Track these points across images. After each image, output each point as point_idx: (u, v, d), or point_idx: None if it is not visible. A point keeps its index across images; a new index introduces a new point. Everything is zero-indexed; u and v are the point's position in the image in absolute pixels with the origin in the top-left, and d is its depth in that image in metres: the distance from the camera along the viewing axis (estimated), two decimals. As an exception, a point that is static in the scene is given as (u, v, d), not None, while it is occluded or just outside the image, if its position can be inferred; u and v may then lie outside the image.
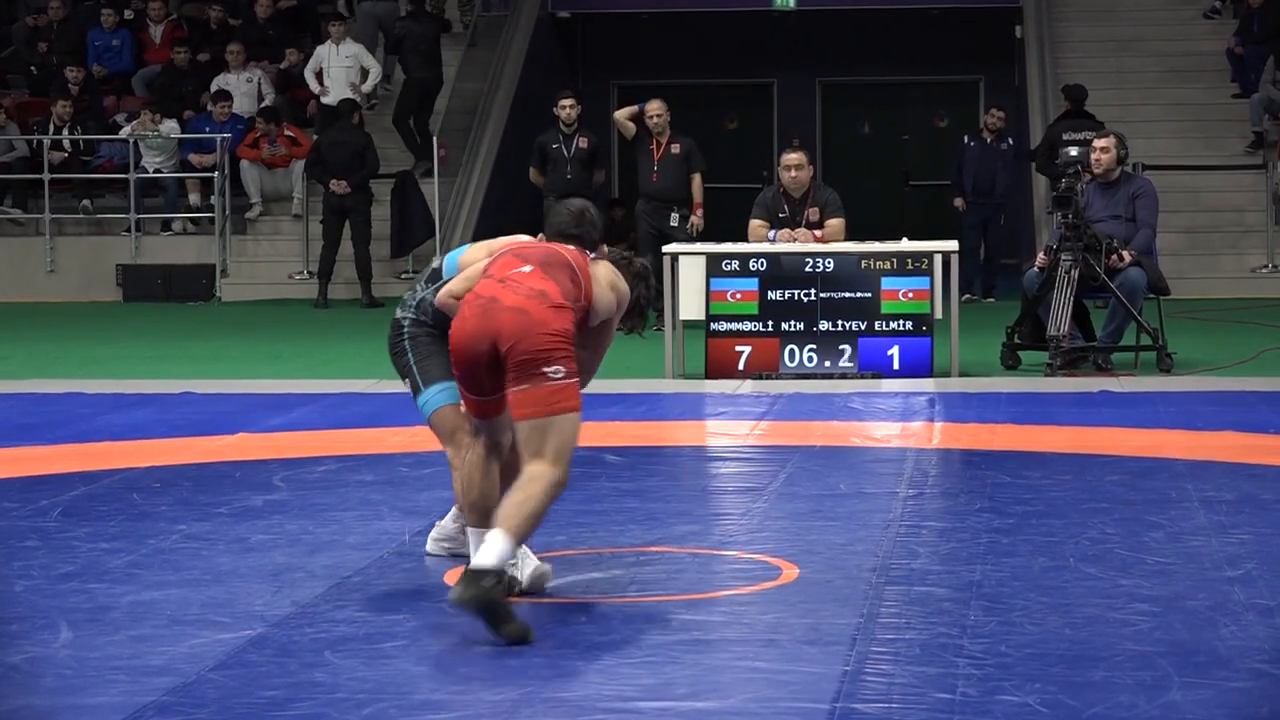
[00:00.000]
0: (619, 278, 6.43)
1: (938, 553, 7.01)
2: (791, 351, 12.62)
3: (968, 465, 9.35)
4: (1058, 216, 12.94)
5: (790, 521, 7.73)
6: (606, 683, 5.31)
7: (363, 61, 20.64)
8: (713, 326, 12.66)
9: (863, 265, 12.61)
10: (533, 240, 6.49)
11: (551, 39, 23.94)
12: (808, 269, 12.62)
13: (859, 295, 12.56)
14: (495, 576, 5.65)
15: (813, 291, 12.61)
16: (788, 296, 12.62)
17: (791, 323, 12.62)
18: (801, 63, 24.98)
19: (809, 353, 12.61)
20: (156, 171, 20.48)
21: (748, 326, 12.64)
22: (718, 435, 10.60)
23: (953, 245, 12.89)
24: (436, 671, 5.53)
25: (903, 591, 6.35)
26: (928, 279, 12.47)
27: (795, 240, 12.98)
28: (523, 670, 5.45)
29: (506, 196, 20.76)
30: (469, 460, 6.39)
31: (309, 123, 20.97)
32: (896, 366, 12.52)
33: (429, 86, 20.72)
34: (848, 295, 12.57)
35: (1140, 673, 5.31)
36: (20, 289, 20.07)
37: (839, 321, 12.59)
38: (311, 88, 20.74)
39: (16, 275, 20.25)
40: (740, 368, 12.61)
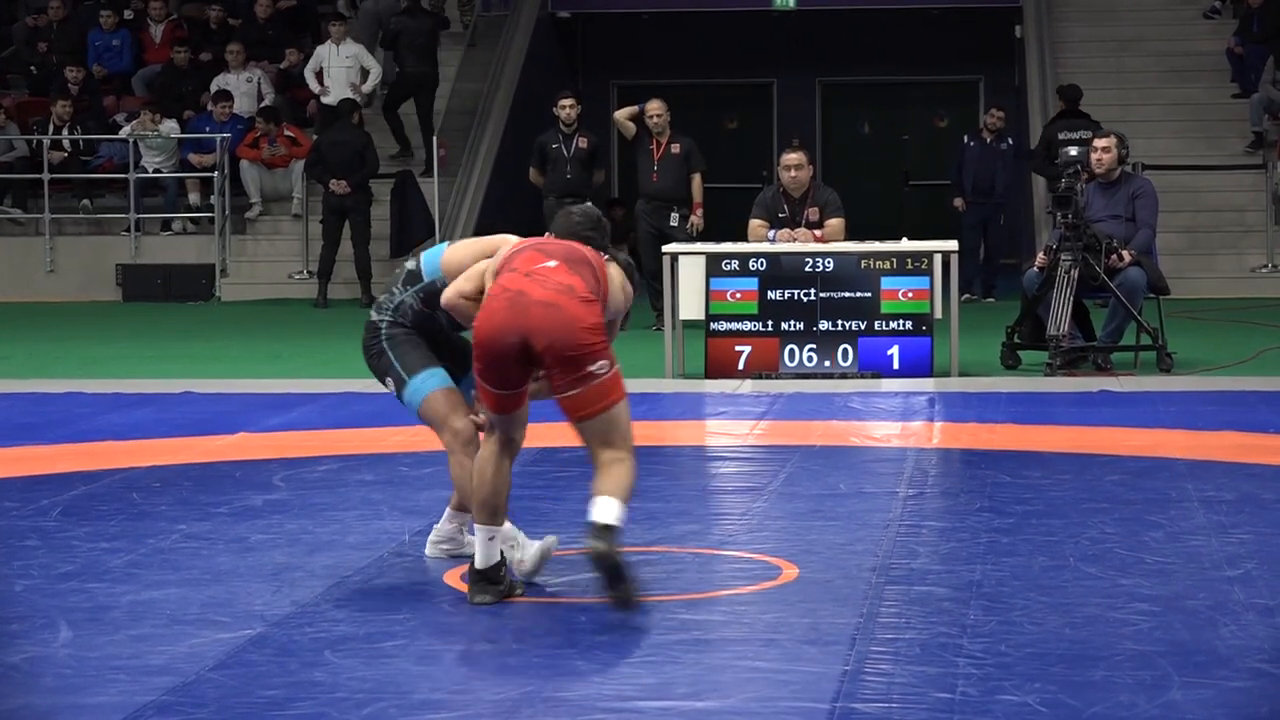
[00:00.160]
0: (626, 281, 6.54)
1: (938, 552, 7.01)
2: (791, 351, 12.62)
3: (968, 465, 9.35)
4: (1057, 216, 12.93)
5: (790, 521, 7.73)
6: (606, 682, 5.31)
7: (363, 61, 20.64)
8: (713, 326, 12.66)
9: (862, 265, 12.61)
10: (549, 238, 6.53)
11: (551, 39, 23.93)
12: (807, 269, 12.62)
13: (859, 295, 12.57)
14: (618, 535, 5.92)
15: (812, 291, 12.61)
16: (787, 296, 12.62)
17: (791, 322, 12.62)
18: (801, 63, 24.97)
19: (809, 352, 12.61)
20: (156, 171, 20.48)
21: (747, 326, 12.64)
22: (718, 435, 10.61)
23: (952, 245, 12.89)
24: (436, 671, 5.52)
25: (903, 591, 6.35)
26: (927, 279, 12.48)
27: (795, 240, 12.99)
28: (523, 670, 5.46)
29: (506, 196, 20.76)
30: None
31: (309, 123, 20.97)
32: (896, 366, 12.52)
33: (423, 80, 20.72)
34: (847, 295, 12.58)
35: (1140, 672, 5.31)
36: (20, 289, 20.06)
37: (839, 321, 12.59)
38: (311, 88, 20.74)
39: (16, 275, 20.24)
40: (740, 367, 12.61)
